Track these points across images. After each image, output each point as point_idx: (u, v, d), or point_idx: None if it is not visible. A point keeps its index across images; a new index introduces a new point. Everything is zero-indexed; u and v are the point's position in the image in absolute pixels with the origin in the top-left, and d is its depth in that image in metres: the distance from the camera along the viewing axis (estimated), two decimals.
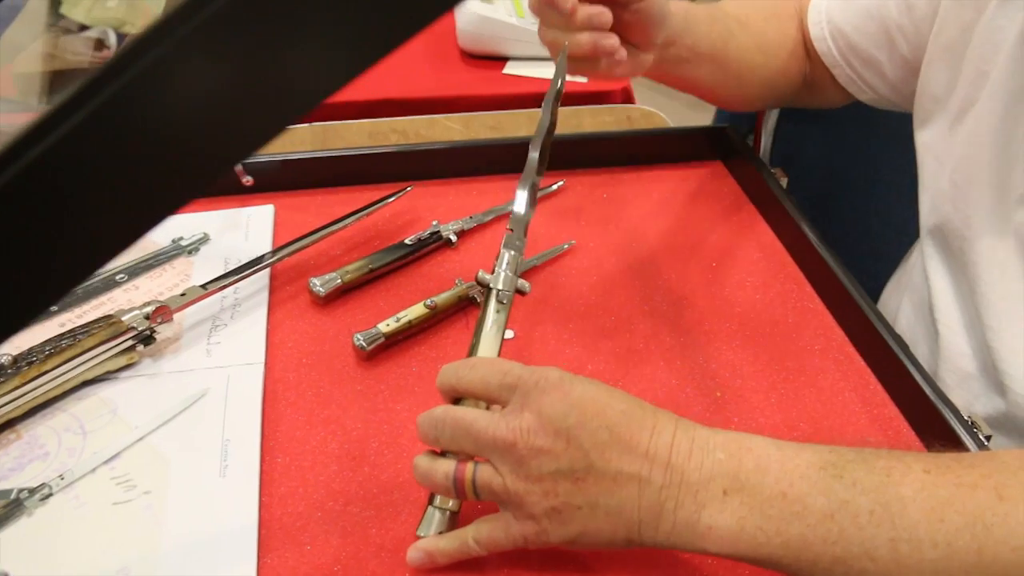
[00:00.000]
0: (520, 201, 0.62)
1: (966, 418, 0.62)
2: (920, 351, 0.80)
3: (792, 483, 0.46)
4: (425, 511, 0.54)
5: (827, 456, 0.47)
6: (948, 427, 0.61)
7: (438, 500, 0.54)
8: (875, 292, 0.98)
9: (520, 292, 0.60)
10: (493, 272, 0.60)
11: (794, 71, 0.85)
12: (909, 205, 0.79)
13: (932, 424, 0.63)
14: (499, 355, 0.58)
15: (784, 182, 0.89)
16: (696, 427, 0.49)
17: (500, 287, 0.59)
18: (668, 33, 0.70)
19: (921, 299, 0.80)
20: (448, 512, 0.54)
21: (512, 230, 0.61)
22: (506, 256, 0.60)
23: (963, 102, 0.69)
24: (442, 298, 0.73)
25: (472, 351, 0.58)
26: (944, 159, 0.72)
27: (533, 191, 0.62)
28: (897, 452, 0.47)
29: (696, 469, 0.47)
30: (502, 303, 0.59)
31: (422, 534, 0.53)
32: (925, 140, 0.75)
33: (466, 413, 0.51)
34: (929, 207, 0.76)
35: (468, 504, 0.54)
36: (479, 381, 0.52)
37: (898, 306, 0.87)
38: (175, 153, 0.24)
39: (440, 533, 0.53)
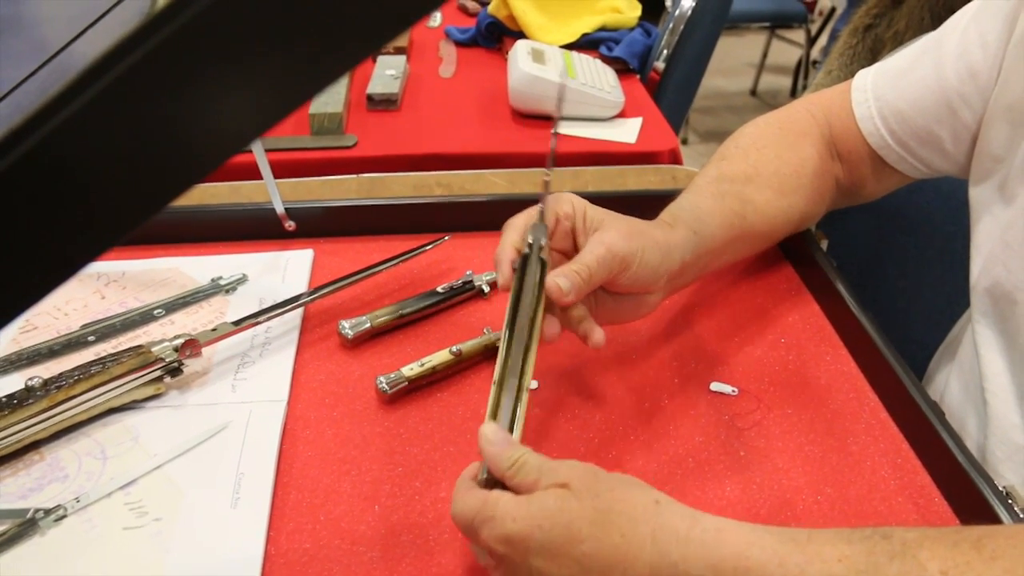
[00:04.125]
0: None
1: (1001, 489, 0.59)
2: (969, 422, 0.77)
3: None
4: None
5: (835, 570, 0.43)
6: (982, 498, 0.59)
7: None
8: (926, 361, 0.95)
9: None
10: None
11: (825, 187, 0.81)
12: (962, 273, 0.77)
13: (966, 495, 0.60)
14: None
15: (824, 244, 0.88)
16: (677, 540, 0.46)
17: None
18: (679, 262, 0.67)
19: (970, 368, 0.77)
20: None
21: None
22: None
23: None
24: (468, 346, 0.73)
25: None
26: (1000, 217, 0.70)
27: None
28: (911, 545, 0.44)
29: None
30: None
31: None
32: (981, 197, 0.73)
33: (478, 555, 0.53)
34: (980, 268, 0.73)
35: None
36: (457, 520, 0.51)
37: (947, 376, 0.84)
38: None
39: None
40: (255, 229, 0.89)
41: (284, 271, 0.84)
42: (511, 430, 0.54)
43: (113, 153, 0.25)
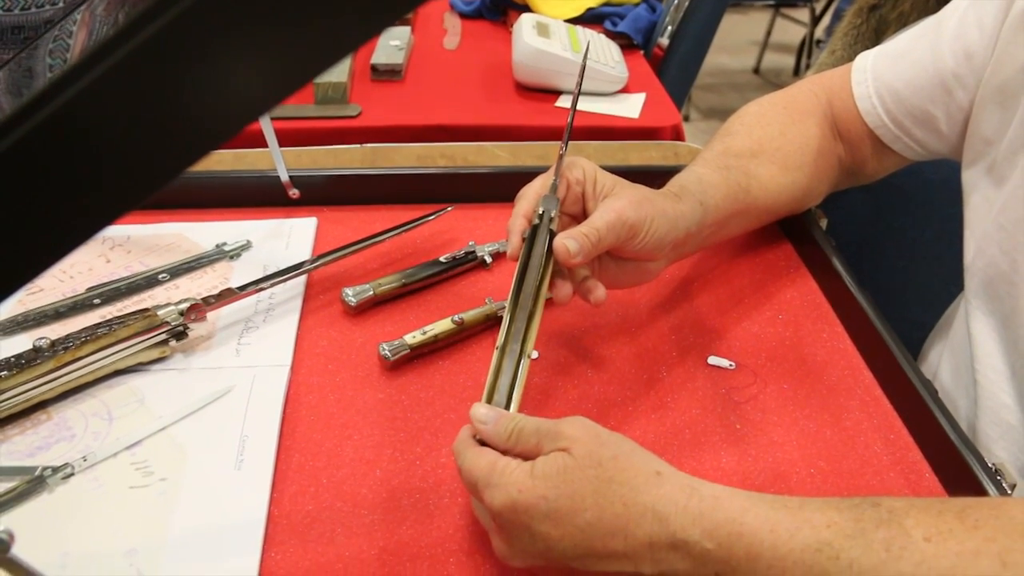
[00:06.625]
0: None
1: (990, 465, 0.60)
2: (961, 402, 0.78)
3: (785, 570, 0.45)
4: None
5: (823, 535, 0.45)
6: (972, 474, 0.60)
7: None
8: (922, 341, 0.96)
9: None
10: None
11: (828, 165, 0.82)
12: (959, 254, 0.78)
13: (956, 471, 0.61)
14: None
15: (824, 223, 0.89)
16: (676, 511, 0.47)
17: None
18: (684, 232, 0.68)
19: (961, 349, 0.78)
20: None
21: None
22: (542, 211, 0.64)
23: (1015, 143, 0.68)
24: (470, 315, 0.74)
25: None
26: (992, 199, 0.71)
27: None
28: (898, 513, 0.45)
29: (682, 559, 0.47)
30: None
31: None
32: (973, 179, 0.74)
33: (480, 514, 0.55)
34: (974, 250, 0.74)
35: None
36: (465, 478, 0.53)
37: (940, 355, 0.85)
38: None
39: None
40: (259, 196, 0.90)
41: (288, 238, 0.85)
42: (511, 395, 0.56)
43: (129, 121, 0.26)
